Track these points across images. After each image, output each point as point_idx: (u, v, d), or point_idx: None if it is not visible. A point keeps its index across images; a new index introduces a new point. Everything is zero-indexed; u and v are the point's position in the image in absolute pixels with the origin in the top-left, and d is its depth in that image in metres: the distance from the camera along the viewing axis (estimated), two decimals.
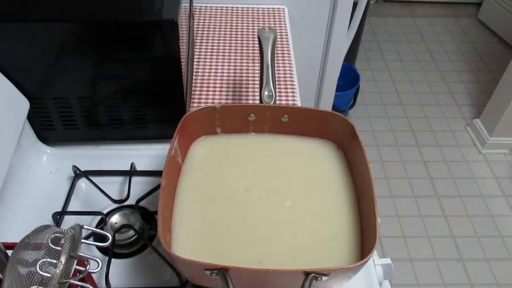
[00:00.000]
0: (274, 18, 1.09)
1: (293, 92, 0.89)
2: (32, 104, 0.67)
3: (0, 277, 0.41)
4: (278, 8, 1.12)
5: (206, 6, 1.10)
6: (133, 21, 0.61)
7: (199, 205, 0.59)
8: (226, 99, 0.87)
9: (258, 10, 1.11)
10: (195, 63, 0.94)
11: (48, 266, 0.39)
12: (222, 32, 1.03)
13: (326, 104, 1.35)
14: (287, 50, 0.99)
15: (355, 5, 1.20)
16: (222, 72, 0.92)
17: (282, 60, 0.97)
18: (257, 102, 0.70)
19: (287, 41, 1.02)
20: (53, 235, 0.41)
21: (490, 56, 2.50)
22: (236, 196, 0.60)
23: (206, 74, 0.92)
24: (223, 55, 0.97)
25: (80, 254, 0.41)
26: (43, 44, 0.61)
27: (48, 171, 0.72)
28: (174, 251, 0.51)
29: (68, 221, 0.64)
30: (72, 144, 0.75)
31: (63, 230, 0.42)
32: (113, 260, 0.59)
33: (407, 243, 1.64)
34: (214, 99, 0.87)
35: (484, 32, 2.69)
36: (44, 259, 0.39)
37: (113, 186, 0.70)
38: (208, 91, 0.88)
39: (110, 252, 0.59)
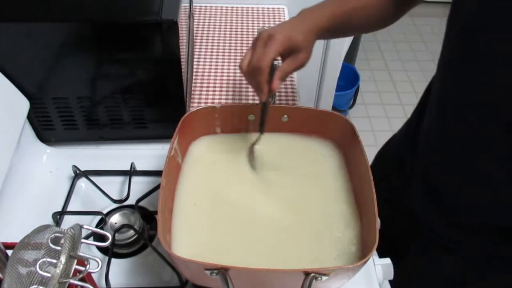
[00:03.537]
0: (274, 18, 1.09)
1: (293, 92, 0.89)
2: (32, 104, 0.67)
3: (0, 277, 0.41)
4: (278, 8, 1.12)
5: (206, 6, 1.10)
6: (133, 21, 0.61)
7: (199, 204, 0.59)
8: (226, 99, 0.87)
9: (258, 10, 1.11)
10: (195, 63, 0.94)
11: (48, 266, 0.39)
12: (222, 32, 1.03)
13: (326, 104, 1.35)
14: None
15: None
16: (222, 72, 0.92)
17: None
18: (257, 102, 0.70)
19: None
20: (53, 235, 0.41)
21: None
22: (236, 195, 0.60)
23: (206, 74, 0.92)
24: (223, 55, 0.97)
25: (80, 254, 0.41)
26: (43, 44, 0.61)
27: (48, 171, 0.72)
28: (174, 251, 0.51)
29: (68, 221, 0.65)
30: (72, 144, 0.75)
31: (63, 230, 0.42)
32: (113, 260, 0.59)
33: None
34: (214, 99, 0.87)
35: None
36: (44, 259, 0.39)
37: (113, 186, 0.70)
38: (208, 91, 0.88)
39: (110, 252, 0.59)
